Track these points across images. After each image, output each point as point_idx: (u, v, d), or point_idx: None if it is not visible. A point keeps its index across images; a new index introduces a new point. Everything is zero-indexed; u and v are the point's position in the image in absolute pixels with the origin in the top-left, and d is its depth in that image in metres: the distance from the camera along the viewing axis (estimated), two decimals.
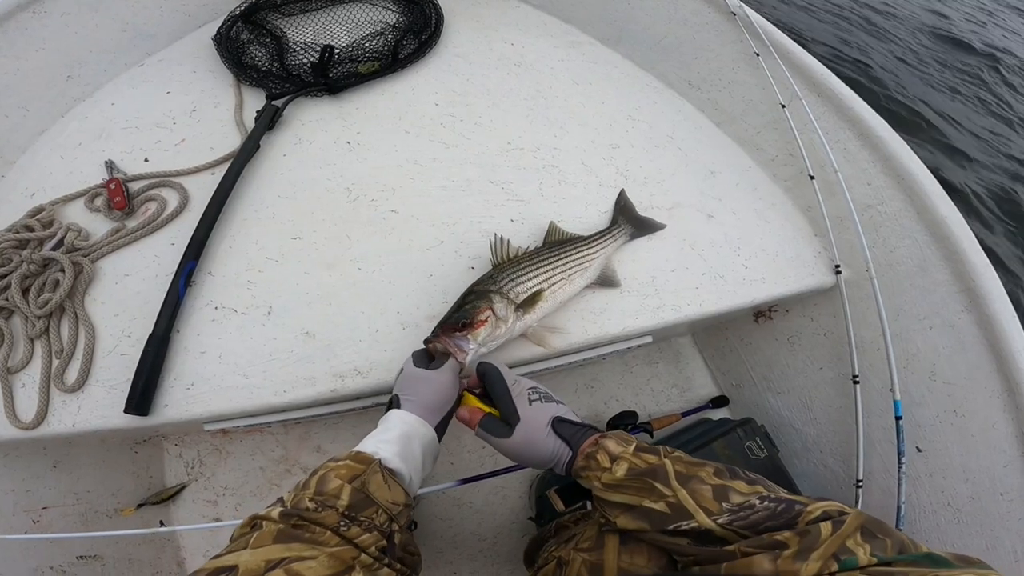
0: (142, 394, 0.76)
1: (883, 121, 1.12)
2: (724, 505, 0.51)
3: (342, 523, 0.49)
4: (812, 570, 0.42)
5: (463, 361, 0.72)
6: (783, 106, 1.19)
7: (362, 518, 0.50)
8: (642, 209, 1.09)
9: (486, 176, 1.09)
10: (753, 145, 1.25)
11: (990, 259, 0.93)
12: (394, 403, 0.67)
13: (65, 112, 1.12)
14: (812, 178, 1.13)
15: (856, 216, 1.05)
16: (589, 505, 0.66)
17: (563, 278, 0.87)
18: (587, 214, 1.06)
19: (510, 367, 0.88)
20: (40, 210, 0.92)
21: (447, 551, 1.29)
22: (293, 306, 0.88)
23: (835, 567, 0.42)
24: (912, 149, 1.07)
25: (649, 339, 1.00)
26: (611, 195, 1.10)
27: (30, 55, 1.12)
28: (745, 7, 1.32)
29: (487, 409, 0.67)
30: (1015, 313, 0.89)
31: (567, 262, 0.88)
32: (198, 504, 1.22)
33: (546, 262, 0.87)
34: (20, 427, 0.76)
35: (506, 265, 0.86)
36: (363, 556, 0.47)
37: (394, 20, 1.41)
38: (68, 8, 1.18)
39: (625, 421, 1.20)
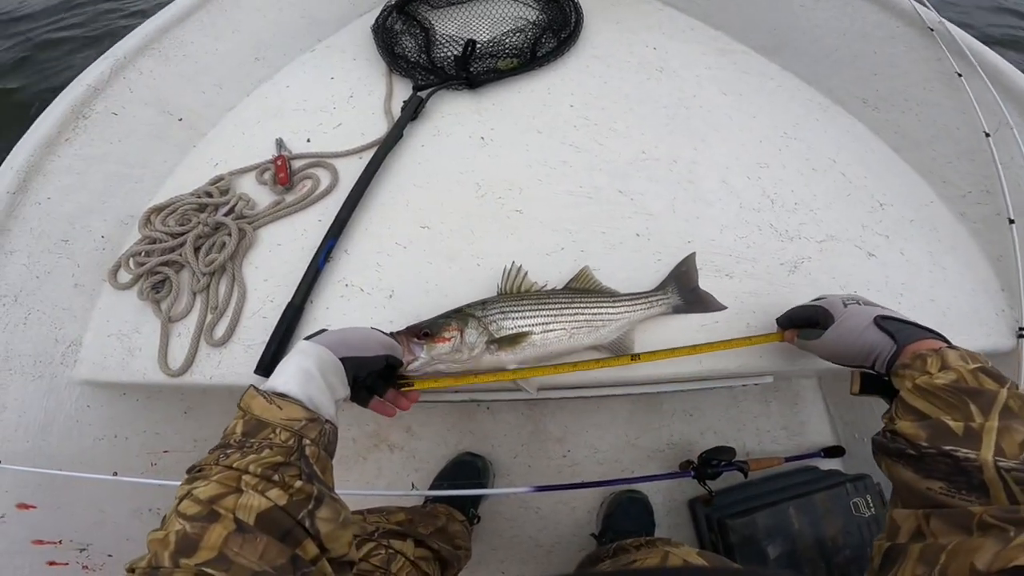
0: (272, 357, 0.82)
1: None
2: None
3: (221, 455, 0.49)
4: None
5: (407, 363, 0.73)
6: (987, 134, 0.99)
7: (254, 441, 0.50)
8: (787, 238, 0.98)
9: (616, 185, 1.04)
10: (939, 177, 1.06)
11: None
12: None
13: (250, 91, 1.27)
14: (1012, 222, 0.94)
15: None
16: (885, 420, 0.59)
17: (564, 329, 0.80)
18: (721, 238, 0.97)
19: (588, 385, 0.83)
20: (220, 179, 1.05)
21: (502, 549, 1.29)
22: (412, 293, 0.91)
23: None
24: None
25: (770, 379, 0.90)
26: (753, 220, 1.00)
27: (227, 36, 1.28)
28: (947, 23, 1.12)
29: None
30: None
31: (576, 314, 0.81)
32: None
33: (551, 307, 0.80)
34: (168, 374, 0.86)
35: (508, 297, 0.82)
36: (245, 477, 0.46)
37: (534, 17, 1.40)
38: None
39: (719, 457, 1.10)
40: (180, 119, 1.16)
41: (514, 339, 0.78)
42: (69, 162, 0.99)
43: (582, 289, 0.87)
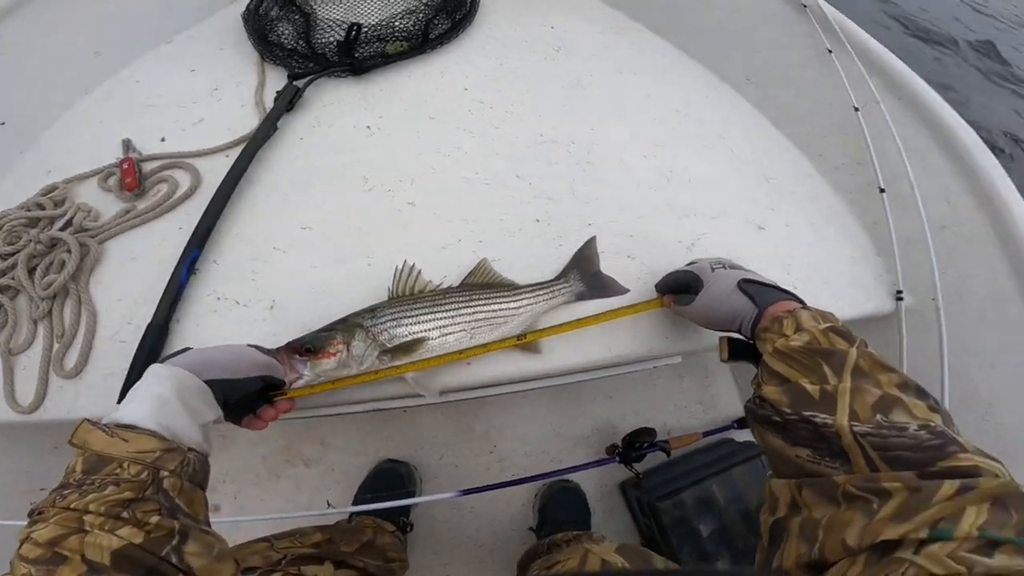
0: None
1: (972, 131, 0.97)
2: (879, 418, 0.43)
3: (58, 496, 0.44)
4: (896, 533, 0.35)
5: (291, 381, 0.67)
6: (856, 109, 1.05)
7: (95, 478, 0.46)
8: (683, 216, 0.98)
9: (513, 170, 1.00)
10: (816, 150, 1.12)
11: None
12: None
13: (91, 89, 1.09)
14: (883, 191, 1.00)
15: (929, 237, 0.91)
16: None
17: (463, 330, 0.75)
18: (621, 218, 0.96)
19: (501, 383, 0.81)
20: (53, 188, 0.90)
21: (443, 553, 1.26)
22: (297, 301, 0.83)
23: (924, 533, 0.34)
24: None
25: (678, 359, 0.91)
26: (651, 199, 1.00)
27: (60, 30, 1.10)
28: (820, 0, 1.17)
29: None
30: None
31: (475, 312, 0.76)
32: None
33: (447, 307, 0.75)
34: (18, 411, 0.74)
35: (399, 300, 0.76)
36: (87, 517, 0.42)
37: None
38: None
39: (642, 439, 1.12)
40: (2, 123, 0.98)
41: (409, 347, 0.72)
42: None
43: (481, 284, 0.82)
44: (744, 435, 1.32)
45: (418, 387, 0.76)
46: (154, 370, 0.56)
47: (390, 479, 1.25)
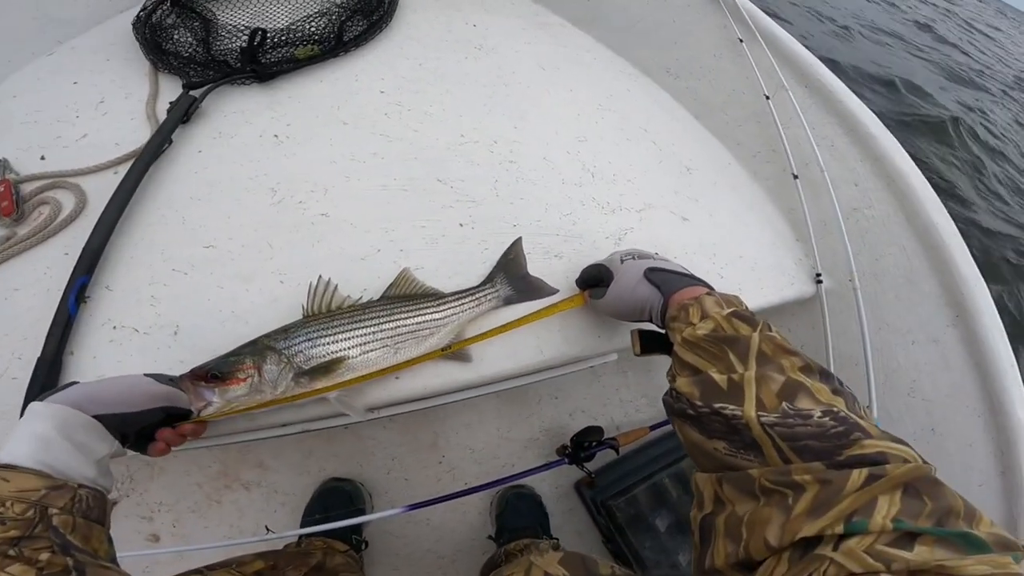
0: None
1: (875, 117, 1.02)
2: (785, 406, 0.43)
3: None
4: (813, 530, 0.35)
5: (198, 410, 0.63)
6: (767, 97, 1.08)
7: None
8: (609, 211, 0.99)
9: (434, 173, 0.97)
10: (734, 140, 1.15)
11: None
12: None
13: None
14: (796, 177, 1.04)
15: (841, 220, 0.95)
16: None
17: (386, 346, 0.72)
18: (547, 217, 0.95)
19: (433, 395, 0.80)
20: None
21: (403, 568, 1.22)
22: (203, 325, 0.77)
23: (840, 528, 0.34)
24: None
25: (615, 357, 0.90)
26: (576, 195, 0.99)
27: None
28: None
29: None
30: (1003, 330, 0.84)
31: (398, 326, 0.73)
32: (131, 520, 1.15)
33: (367, 323, 0.71)
34: None
35: (315, 319, 0.72)
36: None
37: None
38: None
39: (589, 438, 1.12)
40: None
41: (327, 367, 0.68)
42: None
43: (402, 296, 0.79)
44: None
45: (342, 406, 0.72)
46: (34, 408, 0.53)
47: (337, 498, 1.20)
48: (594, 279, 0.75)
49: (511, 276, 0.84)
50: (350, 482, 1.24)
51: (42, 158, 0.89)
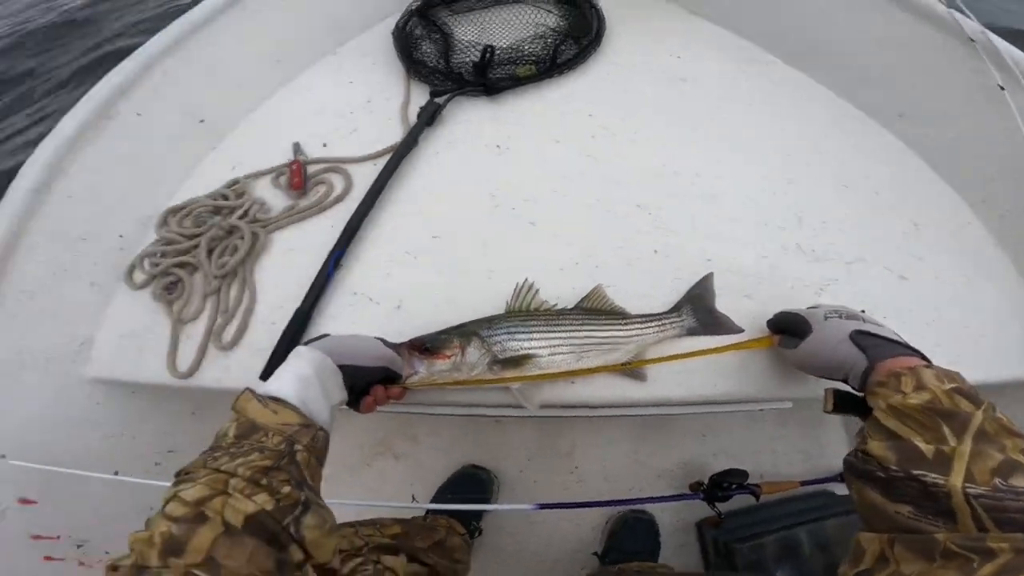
0: (278, 365, 0.81)
1: None
2: (997, 481, 0.40)
3: (210, 458, 0.48)
4: None
5: (406, 376, 0.72)
6: None
7: (245, 443, 0.50)
8: (813, 259, 0.93)
9: (634, 199, 1.01)
10: (978, 197, 1.00)
11: None
12: None
13: (270, 95, 1.27)
14: None
15: None
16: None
17: (573, 352, 0.77)
18: (743, 257, 0.93)
19: (601, 405, 0.83)
20: (236, 182, 1.05)
21: (503, 564, 1.26)
22: (421, 304, 0.90)
23: None
24: None
25: (789, 405, 0.86)
26: (778, 239, 0.95)
27: (252, 38, 1.28)
28: (989, 33, 1.05)
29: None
30: None
31: (586, 337, 0.78)
32: None
33: (561, 328, 0.78)
34: (176, 376, 0.86)
35: (516, 315, 0.80)
36: (233, 480, 0.45)
37: (555, 24, 1.37)
38: None
39: (731, 479, 1.06)
40: (201, 121, 1.17)
41: (518, 361, 0.76)
42: (92, 161, 1.00)
43: (594, 309, 0.84)
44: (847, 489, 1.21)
45: (522, 398, 0.79)
46: (299, 351, 0.61)
47: (471, 483, 1.29)
48: (787, 325, 0.73)
49: (698, 308, 0.85)
50: (486, 471, 1.32)
51: (324, 145, 1.12)
